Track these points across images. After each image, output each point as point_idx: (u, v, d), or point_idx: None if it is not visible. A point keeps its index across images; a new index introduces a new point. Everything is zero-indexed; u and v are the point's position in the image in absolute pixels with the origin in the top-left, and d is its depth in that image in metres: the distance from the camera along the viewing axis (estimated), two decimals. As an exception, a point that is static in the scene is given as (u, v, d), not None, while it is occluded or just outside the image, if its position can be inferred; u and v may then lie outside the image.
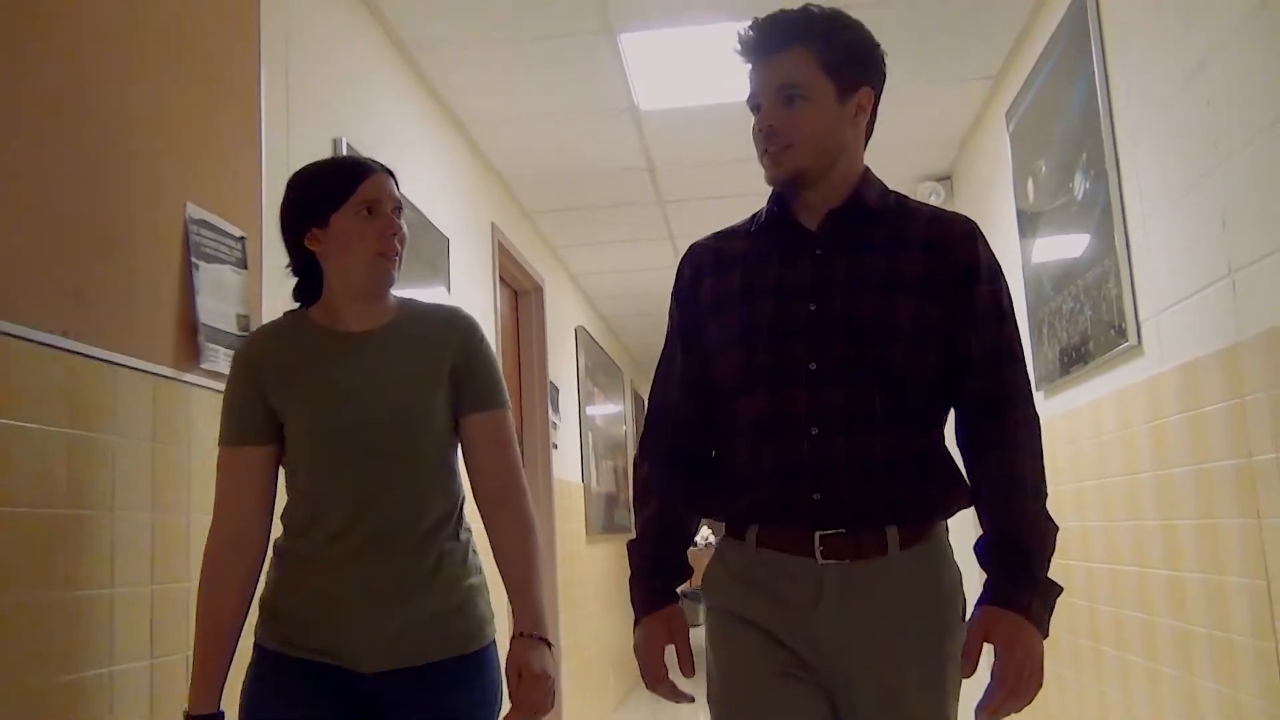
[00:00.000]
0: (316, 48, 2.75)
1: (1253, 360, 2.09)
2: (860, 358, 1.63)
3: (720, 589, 1.71)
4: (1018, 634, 1.54)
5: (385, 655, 1.72)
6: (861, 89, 1.69)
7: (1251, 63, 2.03)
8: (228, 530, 1.75)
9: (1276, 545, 2.04)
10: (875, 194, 1.72)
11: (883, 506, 1.61)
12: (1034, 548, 1.58)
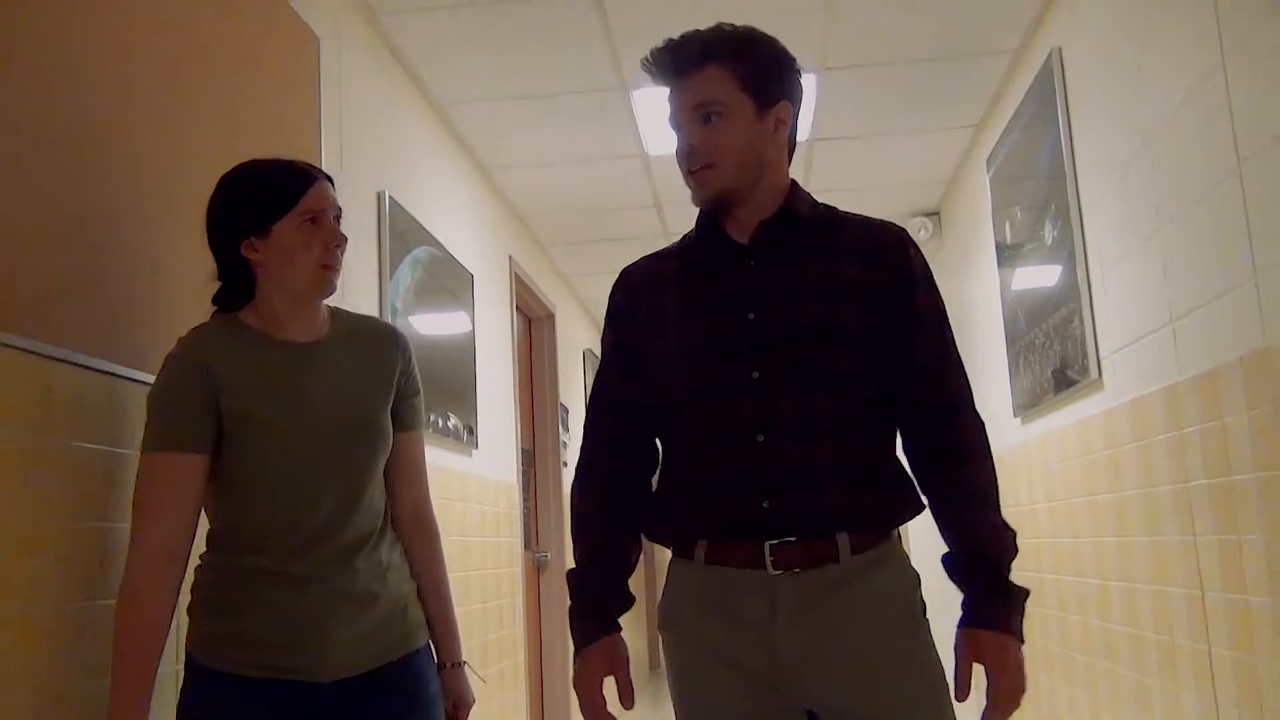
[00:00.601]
0: (364, 108, 3.07)
1: (1190, 399, 2.40)
2: (805, 365, 1.61)
3: (675, 616, 1.67)
4: (1004, 653, 1.57)
5: (343, 663, 1.69)
6: (779, 103, 1.67)
7: (1190, 140, 2.35)
8: (160, 541, 1.60)
9: (1209, 560, 2.34)
10: (806, 205, 1.71)
11: (833, 513, 1.58)
12: (1000, 558, 1.60)
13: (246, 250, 1.70)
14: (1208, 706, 2.38)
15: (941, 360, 1.67)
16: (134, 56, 1.89)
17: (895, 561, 1.63)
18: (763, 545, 1.57)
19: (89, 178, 1.74)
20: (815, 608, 1.56)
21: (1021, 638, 1.59)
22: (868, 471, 1.61)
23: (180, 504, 1.62)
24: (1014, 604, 1.60)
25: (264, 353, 1.72)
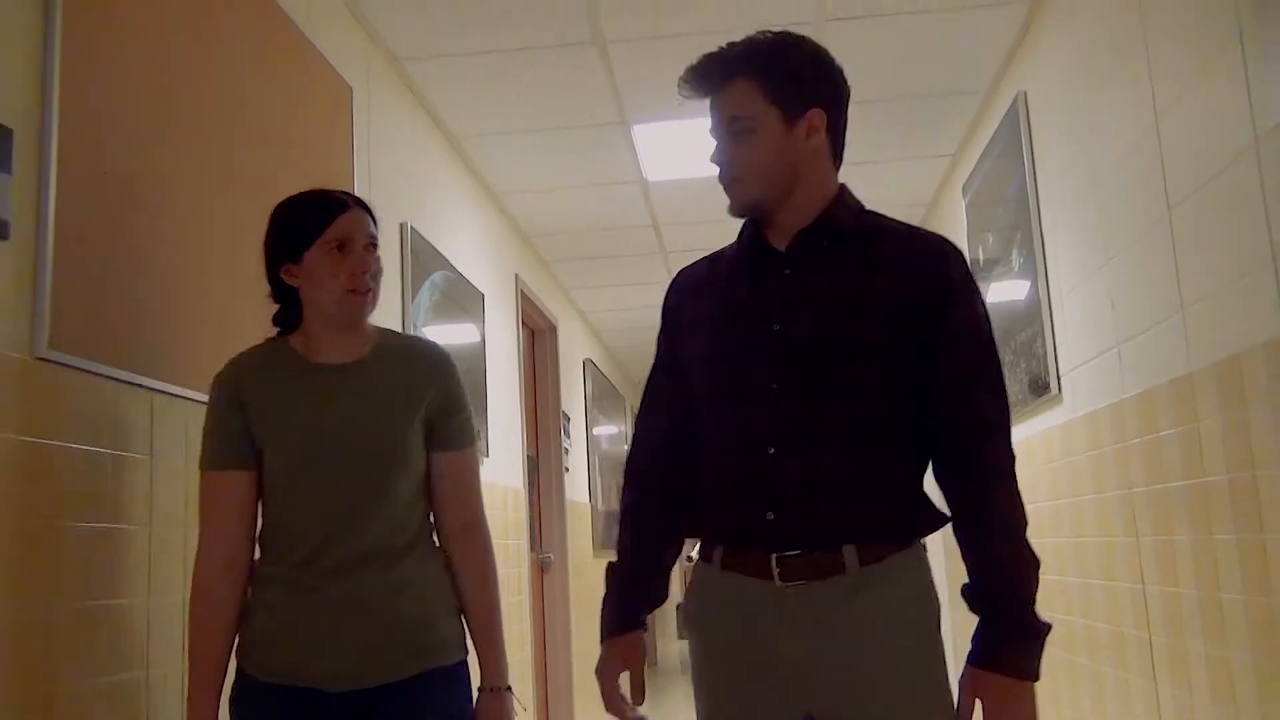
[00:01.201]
0: (388, 146, 3.35)
1: (1132, 414, 2.70)
2: (824, 378, 1.59)
3: (696, 616, 1.70)
4: (1005, 696, 1.52)
5: (352, 675, 1.71)
6: (810, 111, 1.64)
7: (1131, 185, 2.64)
8: (220, 553, 1.73)
9: (1150, 558, 2.64)
10: (847, 214, 1.68)
11: (837, 526, 1.57)
12: (1013, 593, 1.53)
13: (286, 277, 1.79)
14: (1148, 687, 2.67)
15: (974, 380, 1.60)
16: (195, 109, 2.17)
17: (909, 574, 1.60)
18: (770, 557, 1.58)
19: (160, 222, 2.02)
20: (821, 618, 1.55)
21: (1034, 676, 1.52)
22: (878, 485, 1.58)
23: (232, 516, 1.74)
24: (1027, 642, 1.52)
25: (295, 375, 1.79)
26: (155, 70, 1.99)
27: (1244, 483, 2.11)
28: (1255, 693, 2.11)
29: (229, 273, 2.20)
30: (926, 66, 3.67)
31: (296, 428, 1.75)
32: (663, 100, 3.80)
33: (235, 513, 1.75)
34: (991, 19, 3.34)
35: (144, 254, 1.91)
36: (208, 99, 2.18)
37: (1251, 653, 2.11)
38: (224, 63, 2.27)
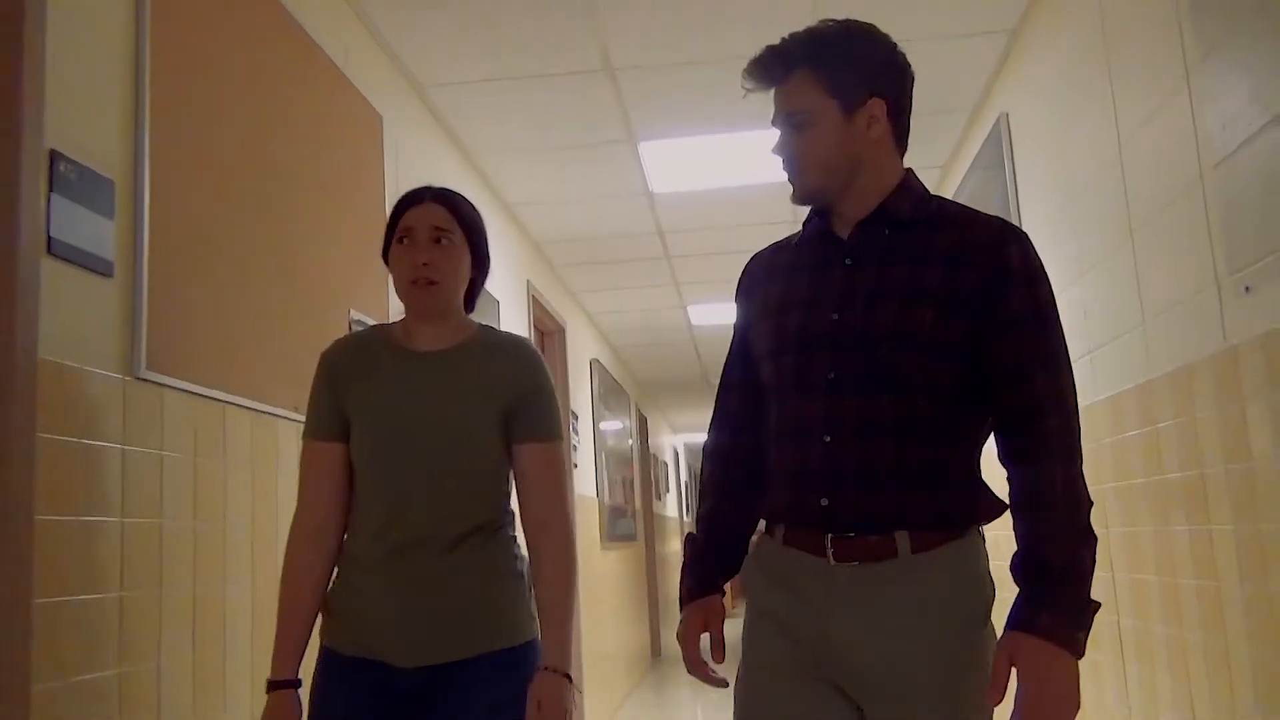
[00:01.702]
0: (413, 165, 3.59)
1: (1103, 417, 2.94)
2: (875, 368, 1.60)
3: (752, 583, 1.72)
4: (1038, 659, 1.44)
5: (421, 651, 1.76)
6: (870, 101, 1.64)
7: (1102, 207, 2.88)
8: (307, 522, 1.82)
9: (1119, 548, 2.88)
10: (908, 203, 1.67)
11: (889, 513, 1.58)
12: (1059, 564, 1.49)
13: (389, 269, 1.88)
14: (1117, 665, 2.93)
15: (1033, 360, 1.57)
16: (255, 150, 2.42)
17: (962, 563, 1.59)
18: (824, 537, 1.60)
19: (227, 252, 2.27)
20: (869, 600, 1.57)
21: (1076, 649, 1.45)
22: (931, 472, 1.59)
23: (322, 484, 1.82)
24: (1073, 612, 1.48)
25: (386, 358, 1.86)
26: (224, 118, 2.23)
27: (1194, 480, 2.36)
28: (1204, 668, 2.36)
29: (282, 295, 2.45)
30: (917, 87, 3.90)
31: (376, 406, 1.81)
32: (668, 119, 4.04)
33: (325, 481, 1.82)
34: (975, 46, 3.58)
35: (215, 284, 2.15)
36: (265, 140, 2.43)
37: (1202, 632, 2.36)
38: (277, 104, 2.51)
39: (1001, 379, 1.57)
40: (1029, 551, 1.51)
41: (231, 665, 2.10)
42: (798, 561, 1.63)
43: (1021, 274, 1.59)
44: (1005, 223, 1.66)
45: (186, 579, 1.97)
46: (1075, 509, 1.52)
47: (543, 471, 1.88)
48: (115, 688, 1.74)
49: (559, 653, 1.81)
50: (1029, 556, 1.51)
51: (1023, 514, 1.53)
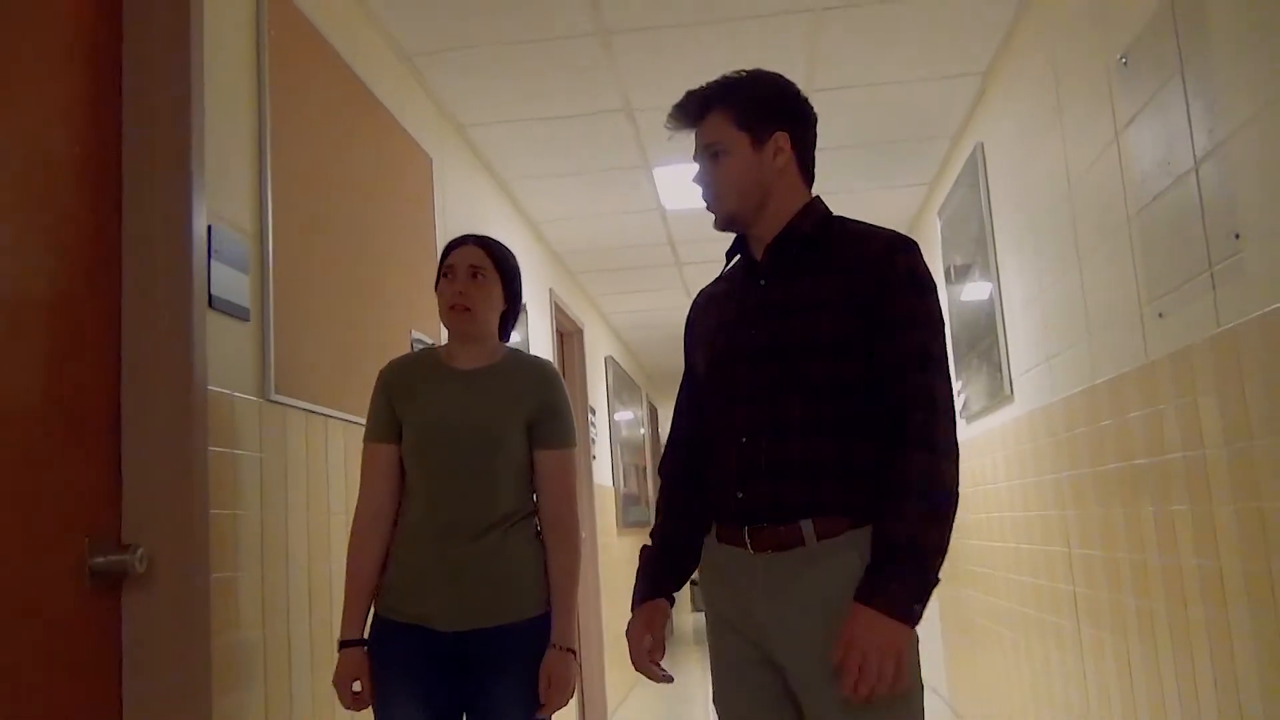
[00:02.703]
0: (454, 193, 4.06)
1: (1060, 414, 3.40)
2: (784, 375, 1.75)
3: (705, 587, 1.91)
4: (861, 626, 1.59)
5: (458, 619, 2.09)
6: (776, 134, 1.82)
7: (1057, 233, 3.34)
8: (367, 507, 2.21)
9: (1075, 528, 3.35)
10: (810, 223, 1.83)
11: (797, 503, 1.71)
12: (903, 544, 1.61)
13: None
14: (1074, 628, 3.40)
15: (906, 360, 1.70)
16: (340, 203, 2.88)
17: (862, 548, 1.68)
18: (743, 530, 1.77)
19: (323, 292, 2.74)
20: (784, 583, 1.72)
21: (911, 620, 1.59)
22: (834, 466, 1.71)
23: (379, 477, 2.21)
24: (906, 585, 1.60)
25: (431, 374, 2.24)
26: (319, 178, 2.70)
27: (1129, 469, 2.82)
28: (1135, 627, 2.83)
29: (363, 321, 2.92)
30: (904, 119, 4.38)
31: (422, 414, 2.19)
32: (680, 148, 4.49)
33: (381, 475, 2.21)
34: (954, 85, 4.04)
35: (319, 317, 2.62)
36: (349, 191, 2.89)
37: (1134, 598, 2.82)
38: (355, 159, 2.98)
39: (882, 376, 1.72)
40: (878, 531, 1.65)
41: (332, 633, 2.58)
42: (728, 555, 1.81)
43: (904, 281, 1.74)
44: (896, 235, 1.80)
45: (303, 558, 2.45)
46: (925, 496, 1.63)
47: (556, 474, 2.23)
48: (259, 646, 2.21)
49: (564, 631, 2.17)
50: (878, 535, 1.64)
51: (882, 497, 1.66)
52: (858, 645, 1.58)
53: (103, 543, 1.87)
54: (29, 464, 1.71)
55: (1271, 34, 1.93)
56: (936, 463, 1.65)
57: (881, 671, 1.56)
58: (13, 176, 1.73)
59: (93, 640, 1.85)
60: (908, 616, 1.59)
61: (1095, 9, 2.82)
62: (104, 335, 1.95)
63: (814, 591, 1.70)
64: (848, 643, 1.59)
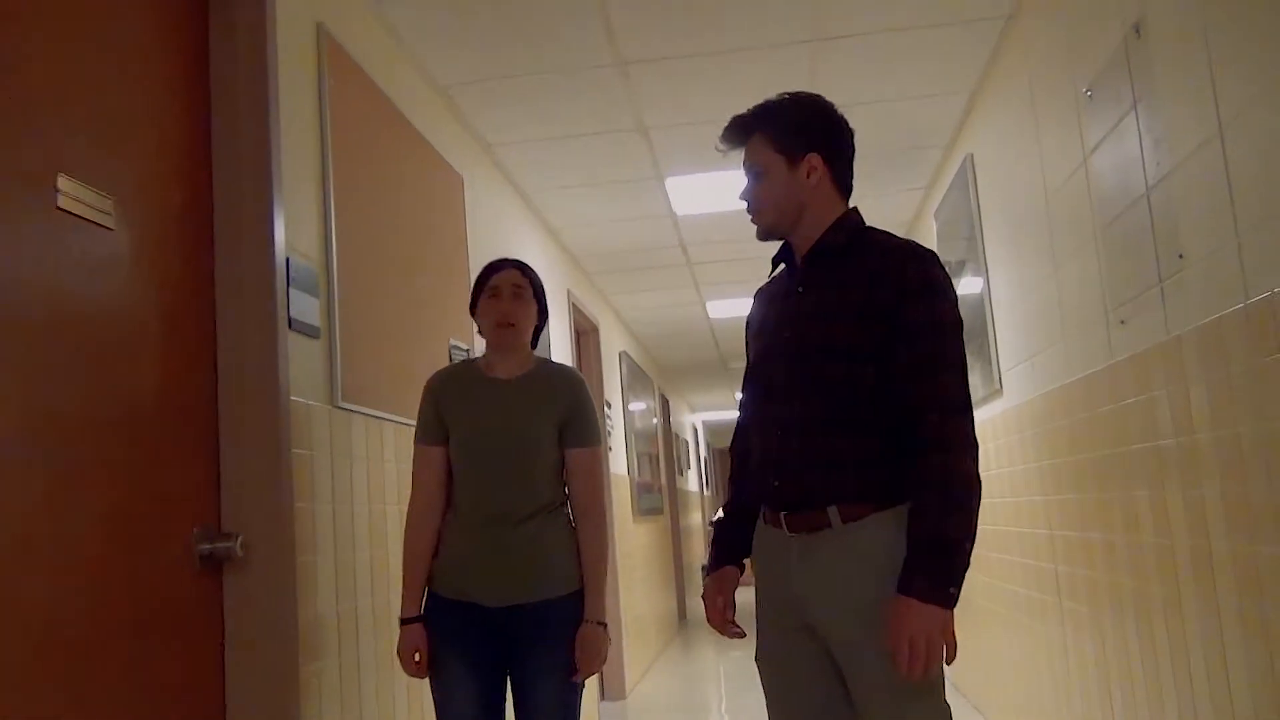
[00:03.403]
0: (482, 207, 4.37)
1: (1042, 408, 3.72)
2: (810, 375, 1.93)
3: (756, 561, 2.14)
4: (903, 615, 1.77)
5: (506, 594, 2.39)
6: (809, 155, 1.99)
7: (1036, 242, 3.64)
8: (422, 501, 2.49)
9: (1055, 511, 3.66)
10: (842, 234, 2.00)
11: (823, 491, 1.91)
12: (928, 537, 1.78)
13: (474, 317, 2.58)
14: (1055, 602, 3.72)
15: (923, 365, 1.84)
16: (390, 228, 3.21)
17: (882, 530, 1.86)
18: (780, 514, 1.99)
19: (379, 308, 3.06)
20: (814, 559, 1.94)
21: (947, 603, 1.76)
22: (856, 460, 1.89)
23: (430, 475, 2.50)
24: (938, 573, 1.77)
25: (473, 383, 2.52)
26: (371, 206, 3.02)
27: (1099, 459, 3.13)
28: (1107, 600, 3.15)
29: (410, 332, 3.25)
30: (901, 131, 4.69)
31: (466, 418, 2.48)
32: (690, 161, 4.83)
33: (432, 473, 2.50)
34: (945, 101, 4.34)
35: (375, 331, 2.95)
36: (396, 215, 3.21)
37: (1108, 573, 3.14)
38: (399, 185, 3.30)
39: (899, 379, 1.87)
40: (910, 526, 1.82)
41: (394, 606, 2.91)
42: (770, 535, 2.04)
43: (918, 290, 1.87)
44: (914, 246, 1.95)
45: (366, 544, 2.78)
46: (943, 493, 1.79)
47: (586, 470, 2.52)
48: (333, 620, 2.55)
49: (596, 607, 2.46)
50: (910, 530, 1.82)
51: (914, 496, 1.84)
52: (904, 632, 1.76)
53: (208, 531, 2.21)
54: (149, 465, 2.04)
55: (1203, 85, 2.23)
56: (951, 460, 1.81)
57: (931, 650, 1.75)
58: (141, 225, 2.06)
59: (201, 615, 2.19)
60: (944, 600, 1.76)
61: (1065, 44, 3.13)
62: (203, 354, 2.28)
63: (840, 568, 1.90)
64: (896, 631, 1.76)
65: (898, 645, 1.77)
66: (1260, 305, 2.05)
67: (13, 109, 1.72)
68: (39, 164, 1.78)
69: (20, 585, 1.64)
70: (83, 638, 1.78)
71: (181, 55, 2.30)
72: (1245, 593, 2.22)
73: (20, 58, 1.75)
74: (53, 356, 1.78)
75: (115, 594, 1.89)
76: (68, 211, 1.83)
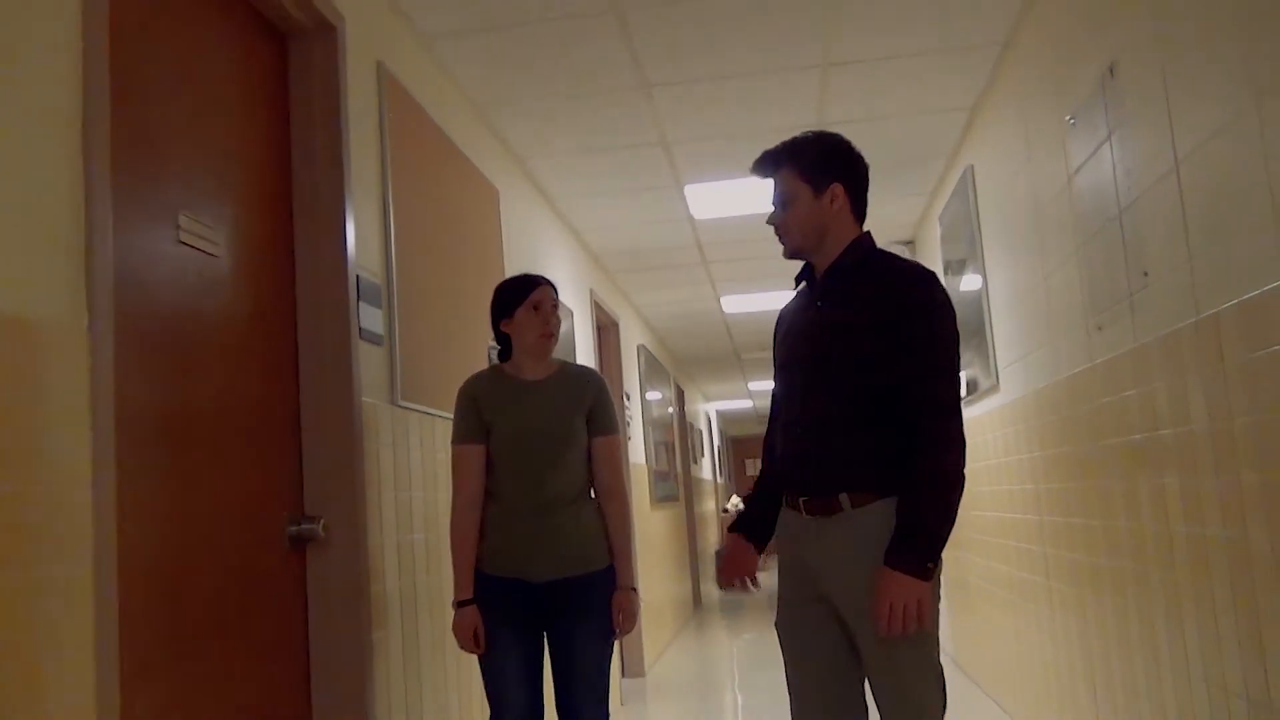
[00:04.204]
0: (515, 216, 4.70)
1: (1033, 404, 4.03)
2: (825, 382, 2.22)
3: (777, 540, 2.43)
4: (887, 583, 2.07)
5: (553, 570, 2.70)
6: (832, 185, 2.27)
7: (1029, 252, 3.95)
8: (467, 494, 2.75)
9: (1045, 500, 3.98)
10: (856, 256, 2.26)
11: (836, 481, 2.20)
12: (912, 520, 2.09)
13: (504, 327, 2.82)
14: (1043, 583, 4.04)
15: (919, 374, 2.13)
16: (439, 241, 3.54)
17: (886, 513, 2.15)
18: (799, 499, 2.29)
19: (428, 314, 3.40)
20: (827, 538, 2.23)
21: (921, 574, 2.06)
22: (866, 453, 2.19)
23: (472, 473, 2.77)
24: (919, 550, 2.07)
25: (507, 387, 2.81)
26: (423, 222, 3.35)
27: (1081, 452, 3.45)
28: (1089, 580, 3.47)
29: (453, 336, 3.58)
30: (906, 142, 4.99)
31: (505, 419, 2.76)
32: (708, 171, 5.15)
33: (473, 470, 2.77)
34: (948, 117, 4.65)
35: (426, 337, 3.28)
36: (443, 230, 3.54)
37: (1088, 555, 3.46)
38: (444, 201, 3.63)
39: (901, 385, 2.16)
40: (899, 512, 2.13)
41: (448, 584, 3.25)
42: (791, 517, 2.35)
43: (917, 308, 2.16)
44: (918, 269, 2.24)
45: (424, 526, 3.12)
46: (930, 484, 2.11)
47: (609, 455, 2.85)
48: (396, 595, 2.89)
49: (627, 574, 2.82)
50: (898, 515, 2.13)
51: (907, 485, 2.14)
52: (885, 597, 2.08)
53: (295, 515, 2.55)
54: (250, 458, 2.38)
55: (1164, 125, 2.54)
56: (938, 456, 2.12)
57: (906, 614, 2.06)
58: (239, 252, 2.40)
59: (289, 588, 2.53)
60: (922, 573, 2.08)
61: (1052, 75, 3.44)
62: (287, 362, 2.62)
63: (850, 545, 2.20)
64: (879, 596, 2.08)
65: (879, 608, 2.09)
66: (1208, 321, 2.37)
67: (149, 164, 2.06)
68: (167, 206, 2.11)
69: (159, 559, 1.98)
70: (203, 600, 2.13)
71: (266, 101, 2.63)
72: (1198, 570, 2.54)
73: (151, 123, 2.09)
74: (176, 365, 2.12)
75: (226, 568, 2.24)
76: (186, 244, 2.17)
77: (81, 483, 1.63)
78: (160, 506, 1.99)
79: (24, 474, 1.50)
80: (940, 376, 2.16)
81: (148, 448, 1.96)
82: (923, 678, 2.18)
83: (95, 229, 1.70)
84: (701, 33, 3.66)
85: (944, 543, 2.13)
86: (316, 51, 2.76)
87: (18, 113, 1.58)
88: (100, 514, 1.65)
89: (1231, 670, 2.39)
